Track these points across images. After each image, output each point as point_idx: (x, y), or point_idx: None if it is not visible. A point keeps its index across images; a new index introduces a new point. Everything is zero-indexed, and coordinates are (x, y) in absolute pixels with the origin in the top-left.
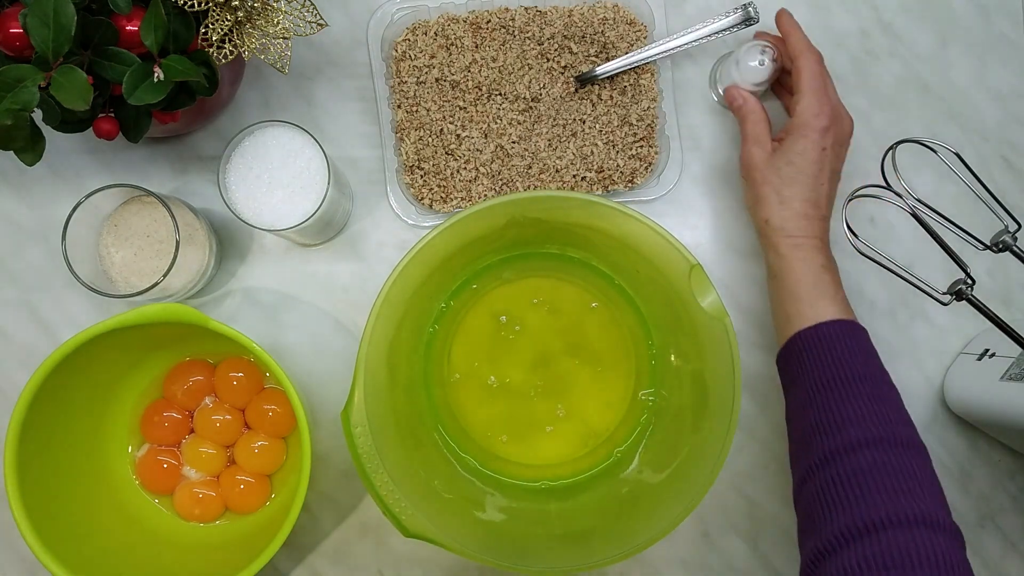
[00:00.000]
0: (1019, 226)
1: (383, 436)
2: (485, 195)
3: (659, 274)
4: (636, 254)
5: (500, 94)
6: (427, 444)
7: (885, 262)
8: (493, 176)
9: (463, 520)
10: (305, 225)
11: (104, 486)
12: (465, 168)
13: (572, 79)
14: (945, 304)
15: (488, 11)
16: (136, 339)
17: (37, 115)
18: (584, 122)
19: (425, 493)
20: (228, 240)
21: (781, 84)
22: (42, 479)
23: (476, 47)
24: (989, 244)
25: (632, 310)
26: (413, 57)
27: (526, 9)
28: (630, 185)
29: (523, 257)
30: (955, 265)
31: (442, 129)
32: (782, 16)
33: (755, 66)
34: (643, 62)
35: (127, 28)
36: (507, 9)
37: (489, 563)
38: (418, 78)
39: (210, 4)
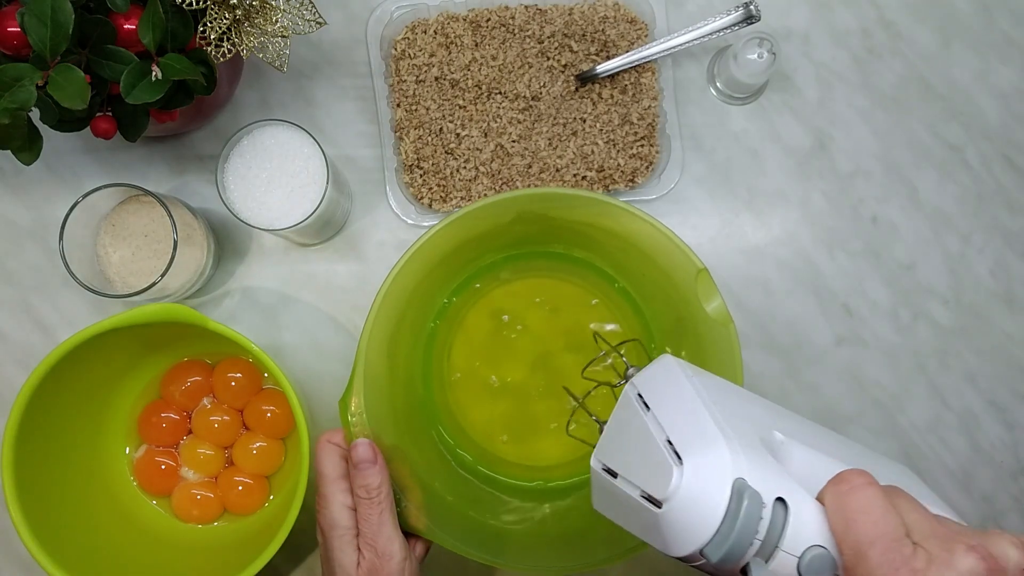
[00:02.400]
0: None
1: (380, 428)
2: (485, 194)
3: (664, 276)
4: (642, 255)
5: (500, 93)
6: (424, 441)
7: None
8: (493, 175)
9: (459, 517)
10: (304, 225)
11: (102, 487)
12: (465, 167)
13: (572, 78)
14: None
15: (488, 9)
16: (134, 339)
17: (34, 114)
18: (584, 121)
19: (421, 489)
20: (226, 240)
21: None
22: (39, 480)
23: (476, 45)
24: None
25: (634, 312)
26: (412, 56)
27: (526, 7)
28: (631, 184)
29: (527, 256)
30: (959, 266)
31: (442, 128)
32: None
33: (754, 59)
34: (644, 60)
35: (125, 27)
36: (507, 7)
37: (486, 561)
38: (417, 77)
39: (208, 2)
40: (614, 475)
